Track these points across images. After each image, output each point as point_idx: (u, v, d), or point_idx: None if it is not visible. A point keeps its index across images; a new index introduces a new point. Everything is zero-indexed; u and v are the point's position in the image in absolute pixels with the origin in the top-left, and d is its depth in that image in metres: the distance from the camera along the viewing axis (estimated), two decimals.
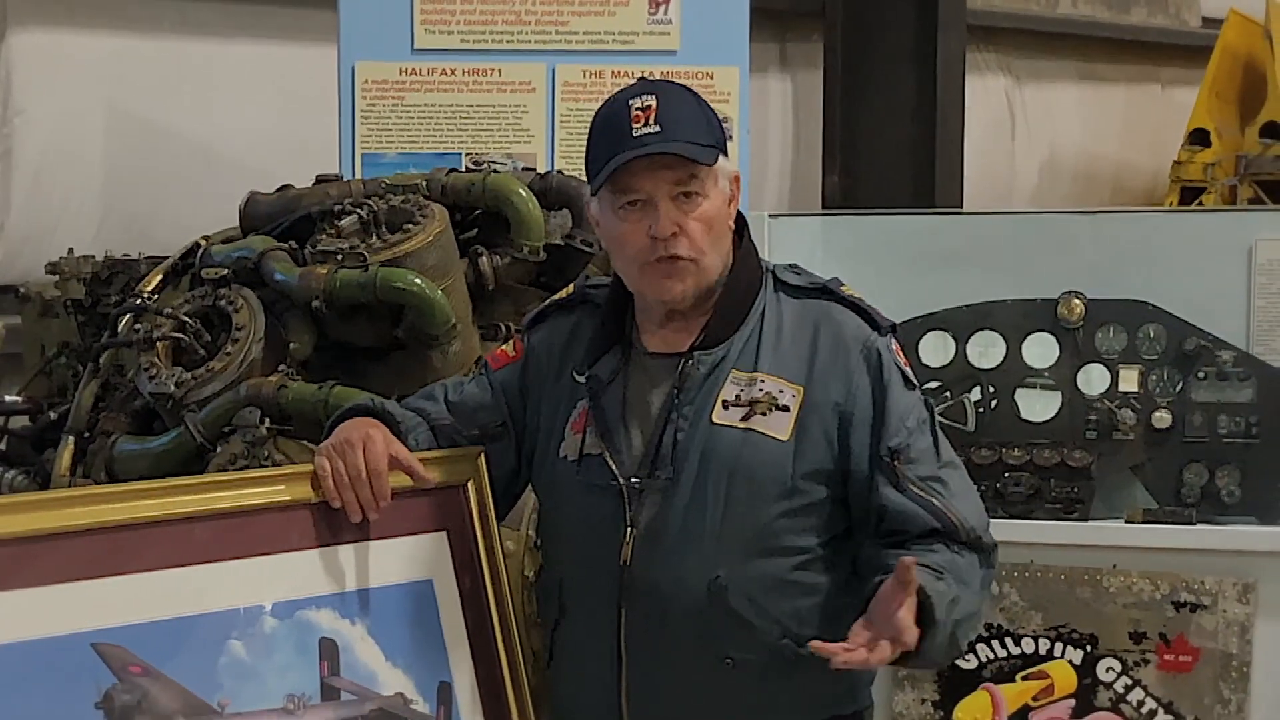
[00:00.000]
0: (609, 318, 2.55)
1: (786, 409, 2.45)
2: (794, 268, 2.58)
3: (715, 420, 2.45)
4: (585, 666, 2.52)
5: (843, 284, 2.56)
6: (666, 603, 2.44)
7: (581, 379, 2.53)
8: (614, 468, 2.47)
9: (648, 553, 2.45)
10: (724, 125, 2.51)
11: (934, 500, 2.43)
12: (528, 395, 2.61)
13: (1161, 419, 3.52)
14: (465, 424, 2.62)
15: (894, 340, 2.52)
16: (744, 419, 2.45)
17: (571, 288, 2.66)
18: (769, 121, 7.74)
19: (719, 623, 2.44)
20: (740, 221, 2.53)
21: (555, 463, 2.54)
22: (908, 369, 2.51)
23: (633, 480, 2.46)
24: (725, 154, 2.48)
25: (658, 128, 2.41)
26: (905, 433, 2.45)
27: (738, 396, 2.46)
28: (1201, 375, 3.51)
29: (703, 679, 2.45)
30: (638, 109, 2.42)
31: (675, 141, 2.41)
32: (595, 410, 2.50)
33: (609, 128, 2.45)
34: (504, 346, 2.68)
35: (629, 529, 2.45)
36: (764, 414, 2.44)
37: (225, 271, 3.15)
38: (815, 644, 2.27)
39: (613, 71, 4.29)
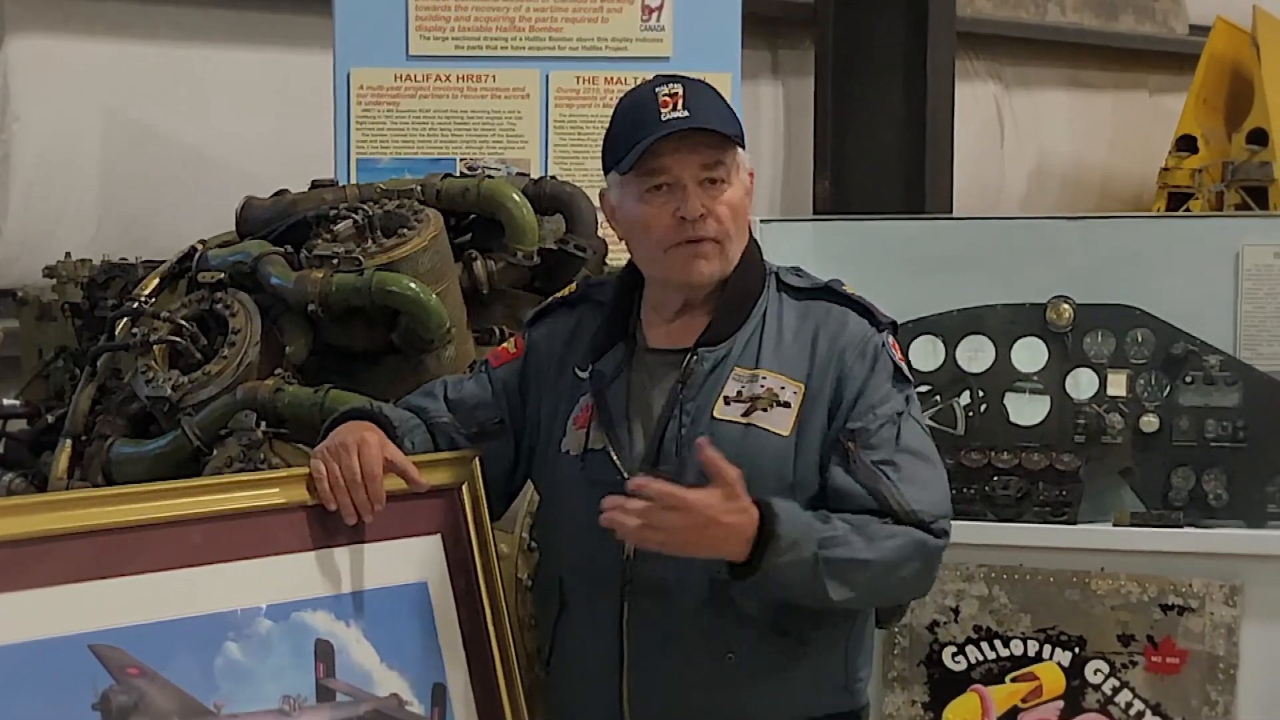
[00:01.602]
0: (614, 313, 2.57)
1: (788, 405, 2.46)
2: (796, 270, 2.60)
3: (717, 415, 2.46)
4: (587, 661, 2.53)
5: (844, 284, 2.58)
6: (669, 598, 2.45)
7: (584, 375, 2.54)
8: (618, 463, 2.48)
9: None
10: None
11: (879, 484, 2.42)
12: (528, 392, 2.62)
13: (1149, 423, 3.53)
14: (464, 421, 2.63)
15: (892, 337, 2.54)
16: (745, 414, 2.46)
17: (574, 285, 2.68)
18: (760, 128, 7.75)
19: (721, 617, 2.45)
20: None
21: (557, 458, 2.55)
22: (903, 365, 2.53)
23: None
24: (744, 146, 2.51)
25: (686, 113, 2.44)
26: (871, 418, 2.45)
27: (739, 392, 2.47)
28: (1189, 379, 3.53)
29: (704, 673, 2.47)
30: (665, 95, 2.45)
31: (707, 122, 2.44)
32: (599, 405, 2.51)
33: (636, 114, 2.47)
34: (505, 344, 2.70)
35: None
36: (765, 410, 2.46)
37: (222, 275, 3.16)
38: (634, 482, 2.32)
39: (606, 78, 4.31)
